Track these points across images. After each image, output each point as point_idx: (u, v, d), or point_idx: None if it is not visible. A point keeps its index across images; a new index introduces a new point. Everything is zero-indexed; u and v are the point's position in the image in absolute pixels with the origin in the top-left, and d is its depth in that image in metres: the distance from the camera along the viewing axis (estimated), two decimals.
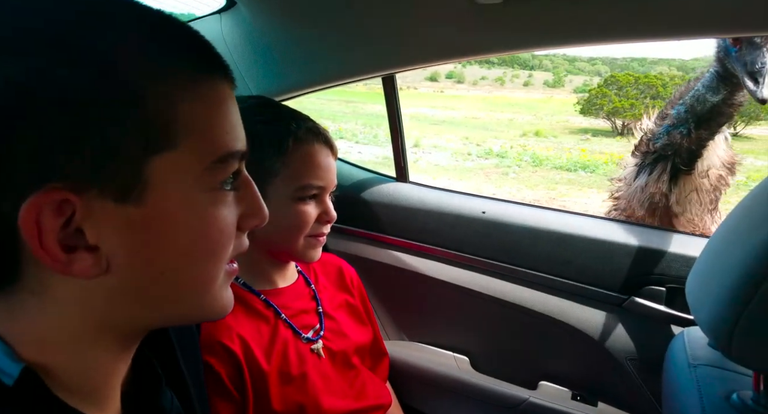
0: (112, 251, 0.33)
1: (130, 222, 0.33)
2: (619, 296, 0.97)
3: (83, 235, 0.32)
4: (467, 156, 9.44)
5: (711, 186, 1.07)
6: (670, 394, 0.63)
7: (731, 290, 0.47)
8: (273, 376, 0.74)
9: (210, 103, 0.36)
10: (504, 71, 15.89)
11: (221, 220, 0.38)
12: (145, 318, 0.38)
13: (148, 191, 0.33)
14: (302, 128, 0.77)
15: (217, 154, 0.36)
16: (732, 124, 9.95)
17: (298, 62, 1.03)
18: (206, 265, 0.38)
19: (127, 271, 0.34)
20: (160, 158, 0.33)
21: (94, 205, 0.32)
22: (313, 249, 0.82)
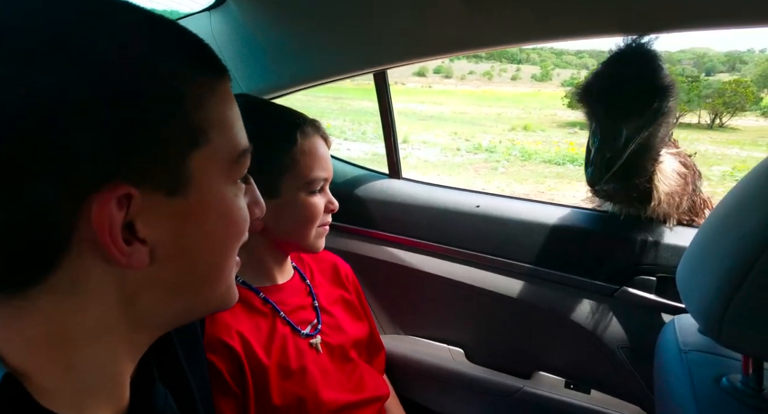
0: (158, 243, 0.35)
1: (176, 214, 0.36)
2: (610, 286, 0.99)
3: (134, 229, 0.34)
4: (456, 151, 9.47)
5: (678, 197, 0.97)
6: (662, 380, 0.64)
7: (721, 277, 0.48)
8: (273, 370, 0.75)
9: (226, 100, 0.40)
10: (492, 65, 15.93)
11: (243, 210, 0.42)
12: (172, 309, 0.40)
13: (191, 184, 0.36)
14: (307, 123, 0.80)
15: (238, 149, 0.40)
16: (719, 116, 10.08)
17: (289, 59, 1.03)
18: (229, 253, 0.41)
19: (166, 262, 0.36)
20: (199, 153, 0.36)
21: (147, 198, 0.34)
22: (320, 238, 0.86)
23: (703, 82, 11.35)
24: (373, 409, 0.88)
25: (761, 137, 9.72)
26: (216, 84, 0.39)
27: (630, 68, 0.84)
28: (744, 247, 0.46)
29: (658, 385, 0.68)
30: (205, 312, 0.44)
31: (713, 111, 10.29)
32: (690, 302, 0.54)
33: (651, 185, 0.94)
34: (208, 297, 0.42)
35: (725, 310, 0.47)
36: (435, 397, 1.18)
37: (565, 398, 1.04)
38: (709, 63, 14.01)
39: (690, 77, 11.62)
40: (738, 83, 10.43)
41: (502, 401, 1.10)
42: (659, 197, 0.94)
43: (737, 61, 14.14)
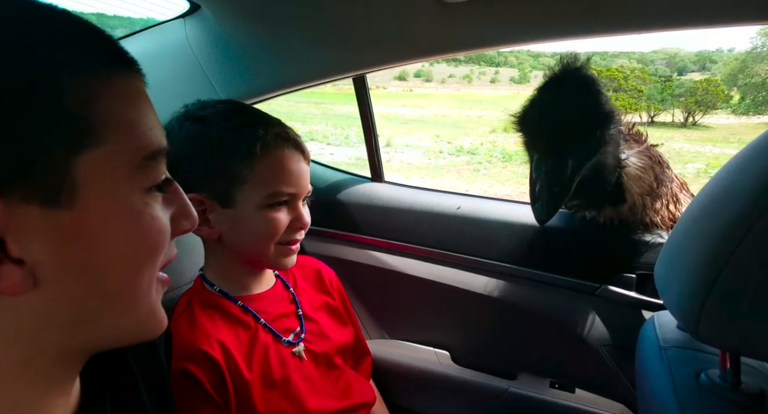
0: (40, 263, 0.30)
1: (60, 228, 0.30)
2: (591, 284, 1.00)
3: (4, 246, 0.29)
4: (439, 154, 9.51)
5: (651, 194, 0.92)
6: (643, 377, 0.65)
7: (697, 274, 0.49)
8: (255, 382, 0.74)
9: (128, 97, 0.35)
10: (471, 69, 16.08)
11: (157, 221, 0.36)
12: (77, 340, 0.35)
13: (78, 194, 0.31)
14: (270, 134, 0.75)
15: (146, 151, 0.35)
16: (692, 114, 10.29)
17: (267, 65, 1.02)
18: (142, 272, 0.36)
19: (57, 285, 0.31)
20: (88, 156, 0.31)
21: (16, 211, 0.29)
22: (285, 257, 0.80)
23: (676, 81, 11.65)
24: None
25: (732, 134, 10.00)
26: (116, 79, 0.34)
27: (569, 96, 0.80)
28: (718, 242, 0.47)
29: (639, 382, 0.68)
30: (125, 342, 0.39)
31: (686, 109, 10.56)
32: (668, 298, 0.55)
33: (621, 189, 0.90)
34: (129, 322, 0.36)
35: (702, 305, 0.47)
36: (422, 400, 1.17)
37: (550, 398, 1.04)
38: (680, 63, 14.39)
39: (663, 77, 11.91)
40: (709, 82, 10.72)
41: (489, 403, 1.10)
42: (632, 200, 0.91)
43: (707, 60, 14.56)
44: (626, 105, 10.33)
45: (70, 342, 0.35)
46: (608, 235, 0.99)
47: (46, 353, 0.34)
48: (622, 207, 0.93)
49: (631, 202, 0.91)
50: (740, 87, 10.90)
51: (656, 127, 10.36)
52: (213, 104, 0.78)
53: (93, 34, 0.35)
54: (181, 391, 0.67)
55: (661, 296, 0.58)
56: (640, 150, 0.93)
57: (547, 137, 0.81)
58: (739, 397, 0.53)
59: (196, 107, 0.77)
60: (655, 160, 0.94)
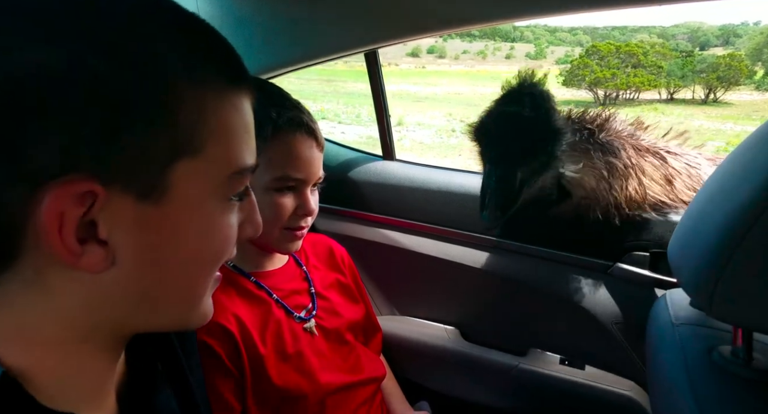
0: (121, 248, 0.33)
1: (146, 221, 0.33)
2: (604, 263, 0.99)
3: (95, 228, 0.32)
4: (451, 133, 9.42)
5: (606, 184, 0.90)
6: (655, 354, 0.65)
7: (712, 250, 0.48)
8: (270, 356, 0.76)
9: (236, 113, 0.37)
10: (486, 44, 15.75)
11: (229, 229, 0.38)
12: (135, 321, 0.38)
13: (169, 193, 0.33)
14: (284, 117, 0.74)
15: (237, 166, 0.37)
16: (713, 90, 10.01)
17: (279, 40, 1.01)
18: (206, 272, 0.38)
19: (131, 270, 0.34)
20: (186, 163, 0.33)
21: (114, 199, 0.31)
22: (289, 242, 0.80)
23: (697, 56, 11.28)
24: (371, 390, 0.90)
25: (755, 111, 9.71)
26: (227, 92, 0.36)
27: (522, 110, 0.81)
28: (734, 220, 0.46)
29: (650, 358, 0.69)
30: (176, 328, 0.42)
31: (707, 86, 10.25)
32: (681, 276, 0.55)
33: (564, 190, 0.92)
34: (181, 313, 0.39)
35: (716, 282, 0.47)
36: (431, 376, 1.19)
37: (560, 374, 1.05)
38: (703, 37, 13.90)
39: (684, 52, 11.54)
40: (732, 57, 10.37)
41: (498, 379, 1.11)
42: (576, 201, 0.92)
43: (731, 34, 14.01)
44: (645, 81, 10.06)
45: (126, 321, 0.37)
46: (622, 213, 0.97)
47: (107, 325, 0.36)
48: (568, 205, 0.95)
49: (576, 202, 0.93)
50: (765, 62, 10.53)
51: (675, 104, 10.10)
52: None
53: (221, 48, 0.36)
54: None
55: (675, 274, 0.57)
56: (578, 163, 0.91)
57: (498, 148, 0.84)
58: (750, 373, 0.53)
59: None
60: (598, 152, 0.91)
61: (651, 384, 0.69)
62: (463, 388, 1.17)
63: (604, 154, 0.90)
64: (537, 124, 0.81)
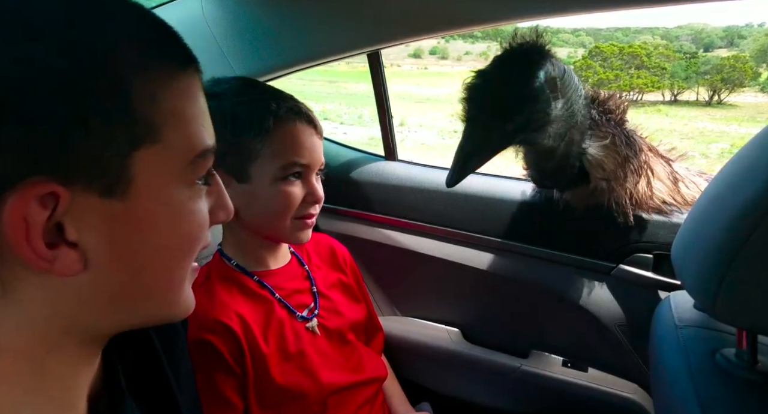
0: (91, 248, 0.32)
1: (113, 217, 0.32)
2: (607, 265, 0.99)
3: (63, 231, 0.31)
4: (453, 134, 9.39)
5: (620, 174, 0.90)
6: (658, 356, 0.65)
7: (715, 252, 0.48)
8: (272, 355, 0.76)
9: (188, 96, 0.36)
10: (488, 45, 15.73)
11: (199, 215, 0.38)
12: (113, 319, 0.37)
13: (133, 186, 0.33)
14: (283, 108, 0.76)
15: (198, 149, 0.36)
16: (717, 92, 9.96)
17: (282, 41, 1.01)
18: (182, 261, 0.38)
19: (103, 269, 0.33)
20: (145, 152, 0.33)
21: (78, 198, 0.30)
22: (301, 231, 0.81)
23: (701, 58, 11.23)
24: (372, 390, 0.90)
25: (760, 113, 9.66)
26: (176, 76, 0.35)
27: (503, 70, 0.82)
28: (737, 222, 0.46)
29: (653, 361, 0.68)
30: (154, 322, 0.41)
31: (711, 87, 10.21)
32: (685, 277, 0.55)
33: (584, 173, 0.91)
34: (158, 307, 0.38)
35: (719, 284, 0.47)
36: (433, 376, 1.19)
37: (562, 377, 1.05)
38: (707, 38, 13.87)
39: (688, 53, 11.49)
40: (736, 59, 10.33)
41: (500, 380, 1.11)
42: (594, 183, 0.91)
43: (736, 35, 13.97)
44: (648, 83, 10.02)
45: (104, 322, 0.36)
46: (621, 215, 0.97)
47: (81, 330, 0.35)
48: (585, 190, 0.93)
49: (594, 185, 0.91)
50: None
51: (679, 106, 10.06)
52: (227, 80, 0.79)
53: (161, 31, 0.36)
54: (201, 360, 0.69)
55: (678, 276, 0.57)
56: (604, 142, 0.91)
57: (472, 105, 0.83)
58: (754, 376, 0.53)
59: (210, 84, 0.78)
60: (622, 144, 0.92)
61: (654, 387, 0.69)
62: (464, 390, 1.17)
63: (626, 146, 0.90)
64: (513, 84, 0.80)
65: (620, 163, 0.90)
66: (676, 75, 10.54)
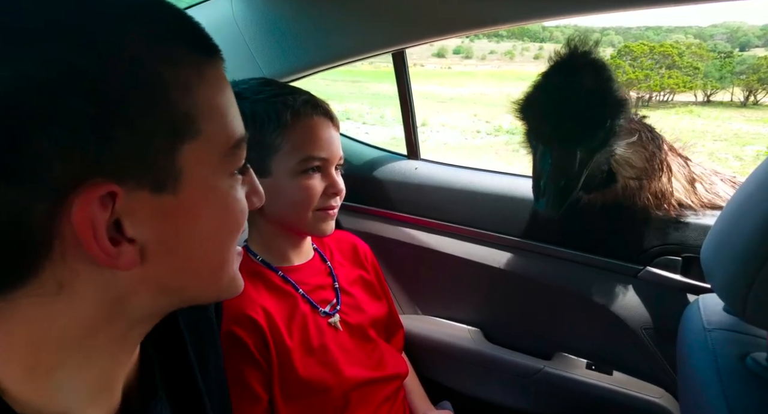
0: (146, 242, 0.33)
1: (165, 211, 0.34)
2: (634, 267, 0.97)
3: (122, 228, 0.32)
4: (476, 134, 9.32)
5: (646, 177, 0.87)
6: (685, 359, 0.64)
7: (746, 254, 0.47)
8: (296, 349, 0.77)
9: (217, 86, 0.36)
10: (513, 44, 15.53)
11: (240, 202, 0.39)
12: (161, 303, 0.38)
13: (180, 180, 0.34)
14: (299, 102, 0.78)
15: (234, 139, 0.37)
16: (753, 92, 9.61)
17: (310, 41, 1.03)
18: (227, 247, 0.39)
19: (158, 260, 0.34)
20: (189, 146, 0.34)
21: (131, 196, 0.32)
22: (323, 222, 0.83)
23: (737, 57, 10.84)
24: (393, 386, 0.90)
25: None
26: (205, 67, 0.35)
27: (578, 81, 0.74)
28: None
29: (681, 364, 0.67)
30: (202, 302, 0.42)
31: (747, 88, 9.84)
32: (715, 280, 0.54)
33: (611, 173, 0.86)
34: (204, 289, 0.40)
35: (750, 286, 0.46)
36: (454, 376, 1.19)
37: (586, 379, 1.04)
38: (743, 37, 13.37)
39: (723, 53, 11.11)
40: None
41: (522, 381, 1.10)
42: (623, 182, 0.87)
43: None
44: (680, 83, 9.73)
45: (151, 305, 0.38)
46: (653, 215, 0.95)
47: (127, 316, 0.37)
48: (612, 190, 0.89)
49: (623, 183, 0.87)
50: None
51: (713, 107, 9.74)
52: (245, 81, 0.82)
53: (183, 21, 0.36)
54: (229, 353, 0.71)
55: (708, 278, 0.56)
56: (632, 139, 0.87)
57: (554, 126, 0.76)
58: None
59: (230, 84, 0.80)
60: (648, 140, 0.88)
61: (681, 391, 0.68)
62: (486, 390, 1.16)
63: (651, 142, 0.87)
64: (596, 95, 0.74)
65: (648, 159, 0.87)
66: (710, 75, 10.20)
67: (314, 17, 0.99)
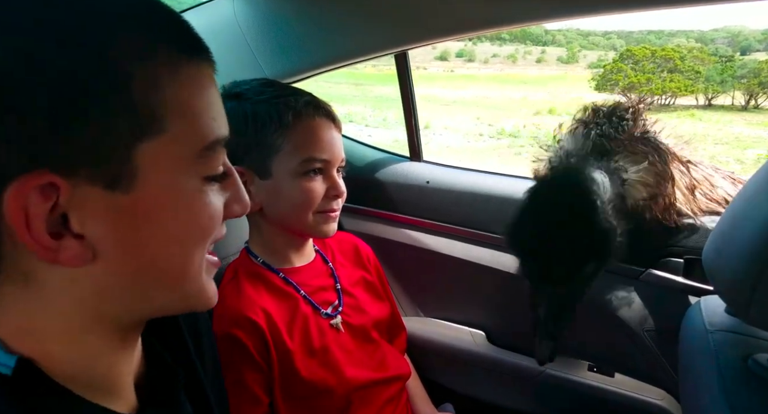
0: (99, 239, 0.32)
1: (119, 209, 0.32)
2: (636, 269, 0.97)
3: (68, 222, 0.31)
4: (479, 137, 9.32)
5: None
6: (687, 361, 0.64)
7: (749, 255, 0.47)
8: (297, 351, 0.77)
9: (195, 86, 0.35)
10: (516, 48, 15.54)
11: (211, 207, 0.38)
12: (137, 308, 0.38)
13: (138, 178, 0.32)
14: (301, 103, 0.78)
15: (206, 141, 0.36)
16: (754, 96, 9.60)
17: (312, 42, 1.03)
18: (192, 253, 0.38)
19: (114, 260, 0.34)
20: (150, 143, 0.32)
21: (81, 190, 0.31)
22: (325, 224, 0.82)
23: (738, 61, 10.84)
24: (396, 388, 0.90)
25: None
26: (182, 66, 0.34)
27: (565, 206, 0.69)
28: None
29: (683, 366, 0.67)
30: (175, 312, 0.42)
31: (748, 91, 9.83)
32: (717, 281, 0.54)
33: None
34: (174, 297, 0.39)
35: (753, 288, 0.46)
36: (456, 378, 1.19)
37: (588, 381, 1.04)
38: (744, 41, 13.37)
39: (724, 56, 11.11)
40: None
41: (524, 383, 1.10)
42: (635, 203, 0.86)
43: None
44: (681, 86, 9.72)
45: (124, 312, 0.38)
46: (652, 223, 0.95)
47: (104, 321, 0.37)
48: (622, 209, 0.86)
49: (634, 205, 0.86)
50: None
51: (714, 110, 9.72)
52: (247, 82, 0.82)
53: (166, 18, 0.35)
54: (228, 354, 0.71)
55: (710, 279, 0.56)
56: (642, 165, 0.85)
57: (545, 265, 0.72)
58: None
59: (231, 86, 0.81)
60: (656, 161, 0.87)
61: (683, 392, 0.68)
62: (488, 392, 1.16)
63: (659, 159, 0.87)
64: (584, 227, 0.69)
65: (658, 182, 0.86)
66: (711, 78, 10.20)
67: (316, 18, 1.00)
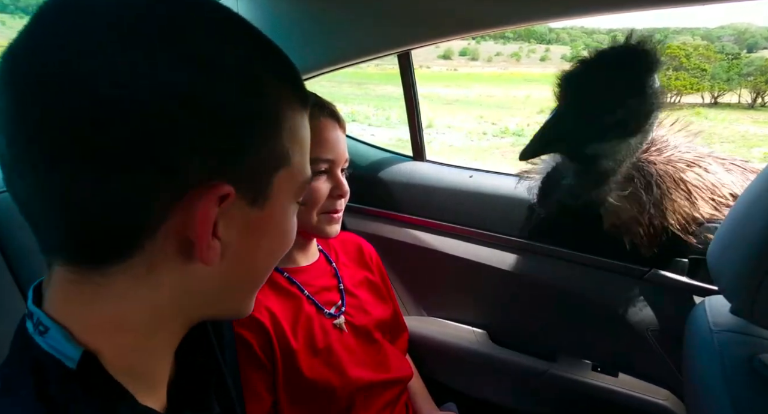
0: (227, 244, 0.37)
1: (250, 222, 0.38)
2: (640, 268, 0.97)
3: (215, 227, 0.36)
4: (482, 135, 9.30)
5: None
6: (691, 360, 0.64)
7: (754, 255, 0.47)
8: (301, 350, 0.78)
9: (306, 127, 0.42)
10: (520, 46, 15.47)
11: (295, 227, 0.44)
12: (209, 309, 0.41)
13: (270, 199, 0.38)
14: (311, 105, 0.78)
15: (308, 175, 0.43)
16: (761, 94, 9.52)
17: (316, 42, 1.03)
18: (273, 264, 0.44)
19: (227, 264, 0.38)
20: (282, 173, 0.39)
21: (234, 203, 0.36)
22: (328, 224, 0.83)
23: (744, 59, 10.76)
24: (398, 389, 0.90)
25: None
26: (303, 113, 0.41)
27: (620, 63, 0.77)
28: None
29: (687, 366, 0.67)
30: (223, 318, 0.46)
31: (754, 89, 9.76)
32: (721, 281, 0.53)
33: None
34: (236, 303, 0.43)
35: (758, 287, 0.46)
36: (459, 377, 1.19)
37: (592, 381, 1.03)
38: (751, 39, 13.26)
39: (730, 54, 11.03)
40: None
41: (527, 383, 1.10)
42: (608, 225, 0.90)
43: None
44: (687, 84, 9.66)
45: (198, 311, 0.41)
46: None
47: (180, 317, 0.40)
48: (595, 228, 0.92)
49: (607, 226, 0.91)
50: None
51: (720, 109, 9.66)
52: None
53: (293, 66, 0.41)
54: None
55: (714, 279, 0.56)
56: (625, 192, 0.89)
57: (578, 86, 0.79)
58: None
59: None
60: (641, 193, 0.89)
61: (687, 393, 0.67)
62: (491, 391, 1.16)
63: (645, 191, 0.88)
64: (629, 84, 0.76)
65: (635, 216, 0.89)
66: (717, 76, 10.13)
67: (319, 18, 1.00)
